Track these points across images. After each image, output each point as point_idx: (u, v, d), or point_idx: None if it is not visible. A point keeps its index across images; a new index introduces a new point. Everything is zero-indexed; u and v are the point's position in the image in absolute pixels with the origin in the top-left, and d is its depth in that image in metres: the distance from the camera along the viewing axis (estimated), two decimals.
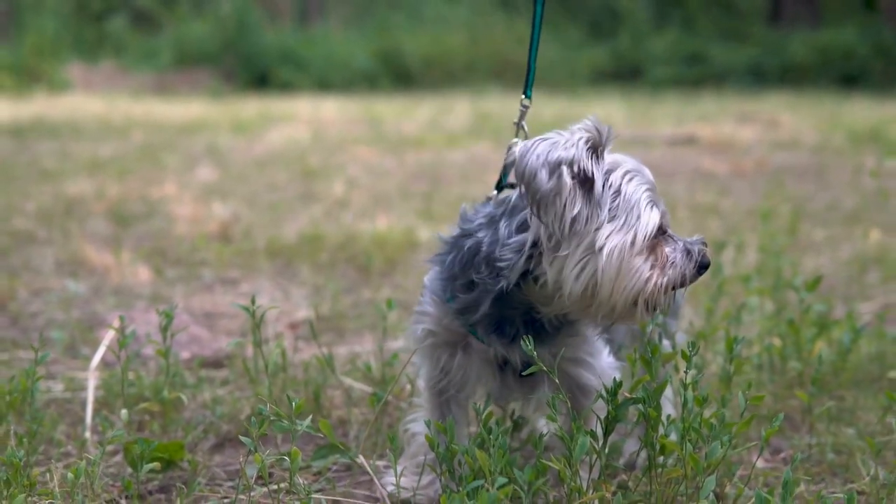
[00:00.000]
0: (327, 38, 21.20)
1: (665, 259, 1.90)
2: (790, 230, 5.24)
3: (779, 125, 11.32)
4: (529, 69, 2.39)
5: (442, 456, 1.87)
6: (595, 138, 1.88)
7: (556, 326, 2.02)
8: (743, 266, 4.42)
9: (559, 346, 1.98)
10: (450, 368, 2.08)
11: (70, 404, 2.89)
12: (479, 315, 1.97)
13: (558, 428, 1.83)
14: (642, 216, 1.88)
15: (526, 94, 2.33)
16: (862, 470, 2.35)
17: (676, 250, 1.93)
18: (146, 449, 2.04)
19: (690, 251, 1.94)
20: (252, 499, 2.09)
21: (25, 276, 4.62)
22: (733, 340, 2.10)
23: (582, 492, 1.83)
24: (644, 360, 1.92)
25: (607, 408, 1.86)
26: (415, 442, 2.19)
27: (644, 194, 1.90)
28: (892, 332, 3.31)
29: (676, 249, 1.93)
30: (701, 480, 1.81)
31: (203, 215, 5.89)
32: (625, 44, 21.71)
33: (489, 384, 2.10)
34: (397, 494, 2.08)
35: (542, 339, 1.99)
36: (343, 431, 2.63)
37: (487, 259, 1.92)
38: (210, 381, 3.04)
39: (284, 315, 3.93)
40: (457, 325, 2.03)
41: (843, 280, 4.55)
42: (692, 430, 1.85)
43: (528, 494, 1.78)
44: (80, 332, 3.70)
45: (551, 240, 1.86)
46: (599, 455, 1.88)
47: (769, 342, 2.90)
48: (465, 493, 1.72)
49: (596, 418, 1.92)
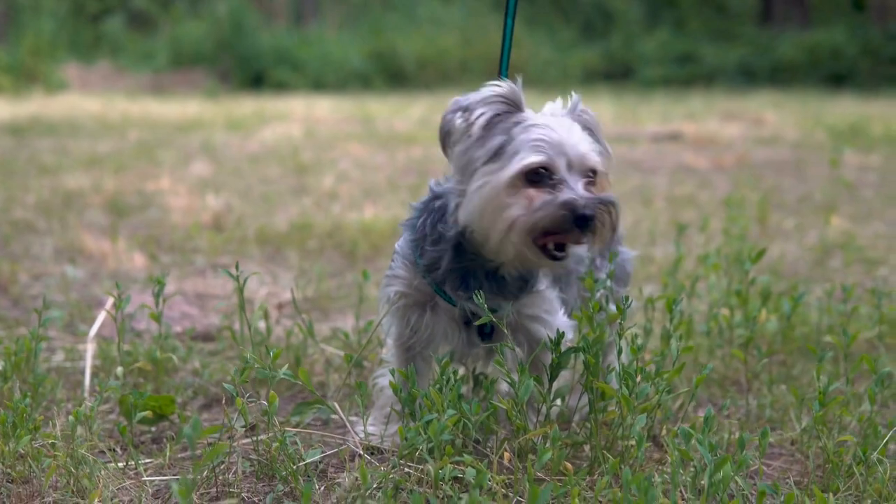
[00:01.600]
0: (322, 39, 21.41)
1: (534, 200, 2.02)
2: (760, 218, 5.46)
3: (763, 123, 11.55)
4: (501, 70, 2.52)
5: (404, 400, 2.09)
6: (508, 94, 2.10)
7: (518, 283, 2.21)
8: (708, 248, 4.64)
9: (521, 303, 2.20)
10: (418, 327, 2.28)
11: (70, 372, 3.11)
12: (443, 269, 2.17)
13: (506, 372, 2.04)
14: (518, 158, 2.03)
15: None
16: (796, 424, 2.57)
17: (554, 196, 2.02)
18: (139, 399, 2.26)
19: (571, 201, 2.00)
20: (235, 445, 2.31)
21: (26, 262, 4.83)
22: (672, 301, 2.31)
23: (527, 429, 2.04)
24: (586, 316, 2.14)
25: (551, 356, 2.08)
26: (383, 395, 2.40)
27: (533, 142, 2.04)
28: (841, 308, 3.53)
29: (555, 196, 2.02)
30: (632, 418, 2.02)
31: (197, 206, 6.11)
32: (616, 44, 21.95)
33: (454, 341, 2.30)
34: (366, 440, 2.30)
35: (504, 295, 2.19)
36: (322, 394, 2.85)
37: (453, 213, 2.15)
38: (200, 352, 3.26)
39: (272, 296, 4.15)
40: (425, 286, 2.24)
41: (807, 264, 4.77)
42: (627, 376, 2.06)
43: (475, 426, 2.00)
44: (78, 311, 3.91)
45: (459, 182, 2.10)
46: (545, 399, 2.10)
47: (717, 311, 3.12)
48: (419, 426, 1.93)
49: (542, 366, 2.14)
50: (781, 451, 2.47)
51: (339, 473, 2.18)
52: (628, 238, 5.26)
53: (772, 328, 3.13)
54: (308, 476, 2.13)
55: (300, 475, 2.10)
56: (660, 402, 2.14)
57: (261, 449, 2.20)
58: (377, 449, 2.29)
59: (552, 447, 1.89)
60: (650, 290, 3.84)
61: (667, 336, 2.35)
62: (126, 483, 2.15)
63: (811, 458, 2.26)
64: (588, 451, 2.22)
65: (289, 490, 2.09)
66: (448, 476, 1.93)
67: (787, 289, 3.74)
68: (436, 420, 1.83)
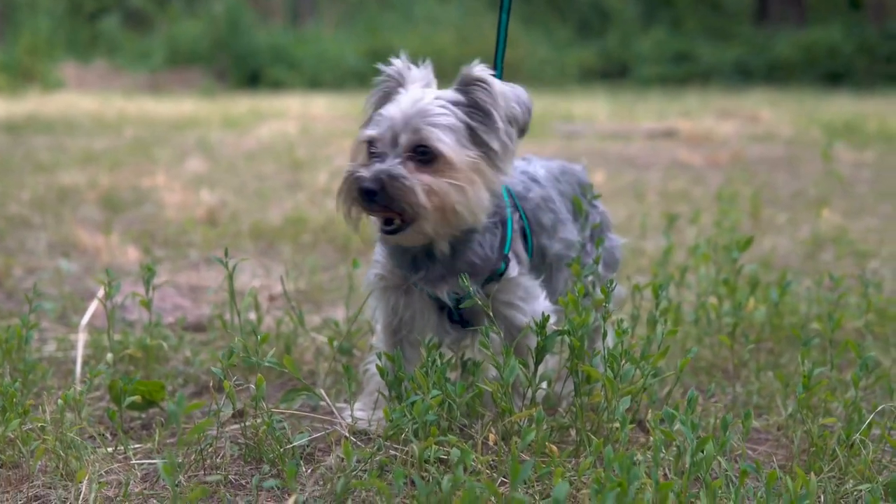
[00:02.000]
0: (319, 38, 21.43)
1: (344, 172, 2.12)
2: (752, 212, 5.48)
3: (758, 120, 11.57)
4: (496, 68, 2.53)
5: (391, 382, 2.11)
6: (393, 72, 2.21)
7: (463, 263, 2.20)
8: (699, 240, 4.66)
9: (494, 289, 2.22)
10: (398, 308, 2.31)
11: (62, 361, 3.12)
12: (396, 252, 2.23)
13: (491, 356, 2.06)
14: (362, 133, 2.15)
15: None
16: (782, 410, 2.59)
17: (356, 169, 2.09)
18: (128, 383, 2.27)
19: (355, 175, 2.06)
20: (223, 429, 2.32)
21: (20, 256, 4.84)
22: (658, 286, 2.33)
23: (512, 412, 2.06)
24: (572, 300, 2.15)
25: (536, 339, 2.09)
26: (372, 381, 2.42)
27: (377, 116, 2.14)
28: (829, 297, 3.55)
29: (357, 168, 2.09)
30: (617, 401, 2.03)
31: (191, 202, 6.12)
32: (613, 43, 21.99)
33: (431, 325, 2.31)
34: (354, 424, 2.31)
35: (458, 277, 2.19)
36: (312, 381, 2.86)
37: None
38: (191, 342, 3.27)
39: (265, 289, 4.16)
40: (398, 270, 2.27)
41: (798, 257, 4.79)
42: (613, 359, 2.08)
43: (460, 407, 2.01)
44: (71, 303, 3.92)
45: None
46: (531, 382, 2.11)
47: (705, 300, 3.13)
48: (403, 407, 1.95)
49: (528, 350, 2.16)
50: (768, 437, 2.49)
51: (326, 457, 2.19)
52: (620, 230, 5.27)
53: (760, 317, 3.14)
54: (294, 458, 2.15)
55: (287, 458, 2.12)
56: (645, 386, 2.16)
57: (248, 433, 2.22)
58: (365, 433, 2.31)
59: (536, 428, 1.90)
60: (641, 281, 3.85)
61: (653, 321, 2.36)
62: (115, 466, 2.17)
63: (796, 443, 2.27)
64: (574, 435, 2.24)
65: (276, 472, 2.11)
66: (433, 457, 1.95)
67: (777, 278, 3.76)
68: (420, 400, 1.84)
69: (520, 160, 2.52)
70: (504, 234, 2.24)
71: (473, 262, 2.20)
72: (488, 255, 2.21)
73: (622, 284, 2.82)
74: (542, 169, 2.50)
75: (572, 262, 2.37)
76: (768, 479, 1.81)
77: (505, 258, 2.23)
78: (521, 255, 2.29)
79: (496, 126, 2.09)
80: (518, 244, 2.28)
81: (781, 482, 1.94)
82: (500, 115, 2.09)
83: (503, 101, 2.10)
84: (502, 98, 2.10)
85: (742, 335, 3.00)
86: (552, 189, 2.45)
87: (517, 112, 2.12)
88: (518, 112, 2.12)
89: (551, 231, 2.38)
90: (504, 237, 2.24)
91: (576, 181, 2.59)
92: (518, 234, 2.29)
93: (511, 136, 2.11)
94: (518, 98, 2.14)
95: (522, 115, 2.13)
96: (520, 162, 2.51)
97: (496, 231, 2.22)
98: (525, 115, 2.14)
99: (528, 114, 2.15)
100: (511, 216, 2.27)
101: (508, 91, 2.13)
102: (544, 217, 2.38)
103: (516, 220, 2.29)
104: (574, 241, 2.45)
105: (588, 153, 9.03)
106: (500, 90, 2.11)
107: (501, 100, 2.10)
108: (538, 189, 2.40)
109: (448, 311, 2.26)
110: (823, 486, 2.03)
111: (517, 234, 2.29)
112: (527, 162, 2.53)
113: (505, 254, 2.23)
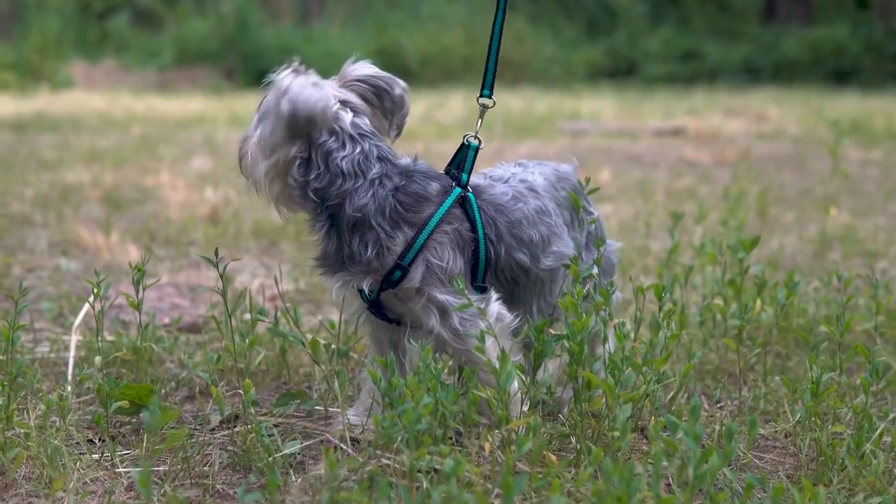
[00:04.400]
0: (326, 37, 21.40)
1: None
2: (759, 211, 5.41)
3: (765, 118, 11.48)
4: (487, 69, 2.50)
5: (384, 389, 2.04)
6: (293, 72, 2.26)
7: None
8: (705, 240, 4.59)
9: (387, 294, 2.18)
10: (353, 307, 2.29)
11: (55, 363, 3.06)
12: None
13: (487, 361, 1.99)
14: None
15: (482, 94, 2.47)
16: (790, 416, 2.51)
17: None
18: (115, 387, 2.21)
19: None
20: (212, 436, 2.26)
21: (20, 255, 4.80)
22: (661, 289, 2.26)
23: (510, 419, 1.99)
24: (571, 303, 2.08)
25: (533, 352, 2.02)
26: (366, 385, 2.35)
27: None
28: (838, 299, 3.47)
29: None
30: (618, 408, 1.96)
31: (194, 200, 6.07)
32: (620, 41, 21.90)
33: (382, 325, 2.29)
34: (346, 431, 2.24)
35: (355, 268, 2.17)
36: (307, 385, 2.80)
37: None
38: (187, 343, 3.21)
39: (266, 289, 4.10)
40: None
41: (806, 257, 4.71)
42: (613, 365, 2.01)
43: (453, 416, 1.94)
44: (69, 303, 3.87)
45: None
46: (528, 388, 2.05)
47: (709, 301, 3.06)
48: (393, 415, 1.88)
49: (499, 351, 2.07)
50: (775, 444, 2.42)
51: (318, 465, 2.13)
52: (626, 229, 5.21)
53: (767, 319, 3.06)
54: (284, 468, 2.08)
55: (276, 467, 2.05)
56: (647, 393, 2.09)
57: (238, 440, 2.15)
58: (358, 441, 2.24)
59: (531, 437, 1.83)
60: (646, 282, 3.78)
61: (656, 325, 2.30)
62: (100, 474, 2.11)
63: (804, 451, 2.20)
64: (574, 443, 2.17)
65: (264, 483, 2.04)
66: (426, 467, 1.88)
67: (784, 279, 3.68)
68: (411, 409, 1.78)
69: (515, 166, 2.44)
70: (411, 241, 2.14)
71: (354, 258, 2.16)
72: (368, 257, 2.14)
73: (622, 285, 2.75)
74: (541, 177, 2.38)
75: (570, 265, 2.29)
76: (774, 492, 1.74)
77: (399, 266, 2.14)
78: (450, 267, 2.16)
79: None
80: (446, 255, 2.15)
81: (788, 495, 1.87)
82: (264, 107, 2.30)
83: (273, 96, 2.27)
84: (274, 93, 2.28)
85: (748, 338, 2.93)
86: (549, 200, 2.34)
87: (282, 109, 2.23)
88: (283, 109, 2.22)
89: (540, 245, 2.27)
90: (410, 244, 2.14)
91: (571, 187, 2.49)
92: (453, 246, 2.17)
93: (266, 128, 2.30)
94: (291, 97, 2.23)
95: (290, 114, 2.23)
96: (515, 168, 2.42)
97: (394, 235, 2.14)
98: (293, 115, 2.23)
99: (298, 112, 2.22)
100: (441, 226, 2.16)
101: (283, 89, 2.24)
102: (531, 231, 2.26)
103: (451, 231, 2.17)
104: (568, 254, 2.33)
105: (594, 151, 8.95)
106: (277, 87, 2.27)
107: (273, 95, 2.27)
108: (533, 201, 2.29)
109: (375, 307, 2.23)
110: (833, 498, 1.96)
111: (446, 245, 2.16)
112: (523, 168, 2.42)
113: (400, 263, 2.14)
